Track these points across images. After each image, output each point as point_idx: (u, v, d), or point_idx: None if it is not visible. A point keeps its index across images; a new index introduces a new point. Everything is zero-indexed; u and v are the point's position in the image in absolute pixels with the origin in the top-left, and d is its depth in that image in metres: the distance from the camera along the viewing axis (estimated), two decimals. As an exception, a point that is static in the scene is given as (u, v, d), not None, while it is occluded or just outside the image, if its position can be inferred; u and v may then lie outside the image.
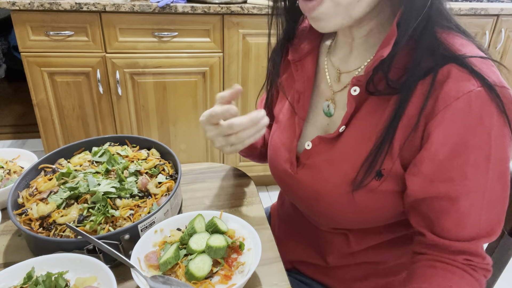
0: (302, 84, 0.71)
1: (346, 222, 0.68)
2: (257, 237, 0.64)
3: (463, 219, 0.56)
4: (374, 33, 0.63)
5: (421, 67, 0.55)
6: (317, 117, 0.71)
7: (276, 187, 2.38)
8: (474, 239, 0.57)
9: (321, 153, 0.67)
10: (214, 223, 0.65)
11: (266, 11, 1.77)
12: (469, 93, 0.52)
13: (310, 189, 0.68)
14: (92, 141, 0.85)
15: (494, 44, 2.13)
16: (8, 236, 0.72)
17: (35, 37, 1.69)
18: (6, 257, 0.68)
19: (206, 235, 0.63)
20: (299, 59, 0.72)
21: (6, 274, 0.58)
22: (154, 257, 0.62)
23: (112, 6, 1.65)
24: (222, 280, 0.58)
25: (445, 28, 0.57)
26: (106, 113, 1.90)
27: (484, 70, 0.53)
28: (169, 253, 0.60)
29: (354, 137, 0.62)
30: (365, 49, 0.65)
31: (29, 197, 0.70)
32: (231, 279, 0.59)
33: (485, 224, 0.57)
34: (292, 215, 0.85)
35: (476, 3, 2.06)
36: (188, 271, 0.57)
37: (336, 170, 0.64)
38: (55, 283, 0.56)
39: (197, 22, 1.78)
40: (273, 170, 0.78)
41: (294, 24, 0.74)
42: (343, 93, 0.68)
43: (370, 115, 0.61)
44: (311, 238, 0.81)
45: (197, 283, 0.57)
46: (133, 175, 0.75)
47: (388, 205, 0.63)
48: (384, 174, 0.60)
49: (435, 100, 0.54)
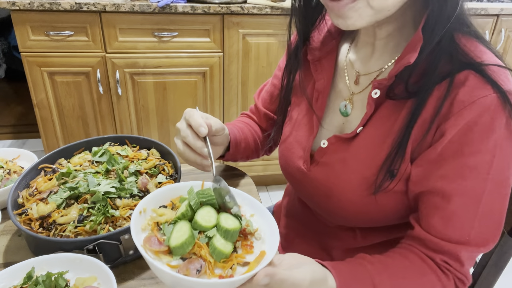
0: (323, 83, 0.71)
1: (356, 220, 0.69)
2: (255, 202, 0.59)
3: (452, 219, 0.56)
4: (394, 36, 0.63)
5: (439, 72, 0.55)
6: (333, 116, 0.72)
7: (276, 187, 2.39)
8: (460, 244, 0.56)
9: (336, 152, 0.68)
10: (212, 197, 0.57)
11: (266, 11, 1.78)
12: (483, 98, 0.52)
13: (323, 187, 0.69)
14: (92, 141, 0.85)
15: (494, 44, 2.13)
16: (8, 236, 0.72)
17: (35, 37, 1.69)
18: (6, 257, 0.68)
19: (210, 209, 0.55)
20: (318, 59, 0.72)
21: (6, 274, 0.58)
22: (155, 242, 0.52)
23: (112, 6, 1.65)
24: (246, 250, 0.53)
25: (465, 33, 0.58)
26: (106, 113, 1.90)
27: (501, 78, 0.54)
28: (183, 233, 0.51)
29: (370, 138, 0.63)
30: (386, 51, 0.65)
31: (29, 197, 0.70)
32: (253, 247, 0.53)
33: (477, 233, 0.56)
34: (299, 211, 0.86)
35: (476, 3, 2.06)
36: (216, 250, 0.50)
37: (349, 169, 0.65)
38: (55, 283, 0.56)
39: (197, 22, 1.78)
40: (284, 166, 0.78)
41: (311, 26, 0.73)
42: (361, 95, 0.68)
43: (386, 117, 0.62)
44: (317, 233, 0.82)
45: (228, 260, 0.50)
46: (133, 175, 0.75)
47: (399, 206, 0.64)
48: (398, 176, 0.60)
49: (451, 104, 0.55)
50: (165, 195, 0.59)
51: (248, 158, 0.91)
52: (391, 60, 0.65)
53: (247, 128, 0.89)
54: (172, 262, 0.50)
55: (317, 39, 0.73)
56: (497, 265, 0.73)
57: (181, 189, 0.60)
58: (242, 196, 0.60)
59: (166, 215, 0.55)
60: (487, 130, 0.53)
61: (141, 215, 0.55)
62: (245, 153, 0.87)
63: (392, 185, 0.61)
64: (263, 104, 0.91)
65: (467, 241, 0.56)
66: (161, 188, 0.60)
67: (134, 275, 0.65)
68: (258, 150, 0.91)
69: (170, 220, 0.54)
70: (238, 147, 0.83)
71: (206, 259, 0.49)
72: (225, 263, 0.49)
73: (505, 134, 0.54)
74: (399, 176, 0.60)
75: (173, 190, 0.60)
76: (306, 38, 0.74)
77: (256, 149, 0.90)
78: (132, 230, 0.51)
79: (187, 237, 0.50)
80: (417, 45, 0.55)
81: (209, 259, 0.49)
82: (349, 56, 0.72)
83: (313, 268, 0.52)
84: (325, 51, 0.72)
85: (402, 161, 0.59)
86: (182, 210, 0.54)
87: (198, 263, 0.49)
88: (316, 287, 0.51)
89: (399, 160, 0.59)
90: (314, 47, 0.73)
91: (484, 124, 0.53)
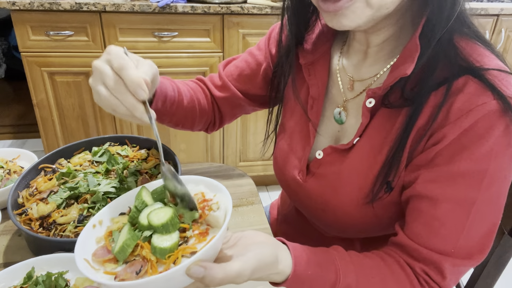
0: (317, 90, 0.68)
1: (353, 231, 0.67)
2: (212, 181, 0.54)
3: (437, 227, 0.53)
4: (390, 41, 0.60)
5: (436, 77, 0.53)
6: (328, 123, 0.69)
7: (276, 187, 2.38)
8: (444, 255, 0.53)
9: (332, 163, 0.65)
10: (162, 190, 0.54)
11: (266, 11, 1.78)
12: (482, 105, 0.49)
13: (319, 199, 0.67)
14: (92, 141, 0.85)
15: (494, 44, 2.13)
16: (8, 236, 0.72)
17: (35, 37, 1.69)
18: (6, 257, 0.68)
19: (157, 206, 0.51)
20: (311, 63, 0.68)
21: (6, 274, 0.58)
22: (104, 252, 0.49)
23: (112, 6, 1.65)
24: (199, 238, 0.48)
25: (464, 35, 0.55)
26: (106, 113, 1.90)
27: (502, 83, 0.51)
28: (122, 237, 0.48)
29: (365, 149, 0.61)
30: (380, 57, 0.62)
31: (29, 197, 0.70)
32: (208, 234, 0.49)
33: (463, 245, 0.52)
34: (295, 219, 0.84)
35: (476, 3, 2.06)
36: (156, 248, 0.46)
37: (345, 181, 0.63)
38: (55, 283, 0.56)
39: (197, 22, 1.78)
40: (280, 176, 0.75)
41: (304, 29, 0.69)
42: (355, 101, 0.65)
43: (381, 126, 0.59)
44: (313, 243, 0.80)
45: (172, 254, 0.46)
46: (133, 175, 0.75)
47: (396, 215, 0.61)
48: (393, 186, 0.58)
49: (447, 111, 0.52)
50: (126, 202, 0.56)
51: (177, 125, 0.79)
52: (385, 66, 0.61)
53: (187, 89, 0.78)
54: (117, 268, 0.47)
55: (310, 41, 0.69)
56: (497, 265, 0.73)
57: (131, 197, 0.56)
58: (198, 181, 0.55)
59: (120, 222, 0.53)
60: (483, 138, 0.50)
61: (97, 228, 0.53)
62: (174, 117, 0.76)
63: (387, 195, 0.59)
64: (227, 77, 0.81)
65: (452, 252, 0.52)
66: (121, 197, 0.56)
67: (134, 275, 0.65)
68: (194, 119, 0.80)
69: (121, 227, 0.51)
70: (167, 106, 0.72)
71: (148, 259, 0.46)
72: (168, 259, 0.46)
73: (502, 142, 0.50)
74: (394, 184, 0.58)
75: (132, 197, 0.56)
76: (299, 41, 0.69)
77: (191, 117, 0.79)
78: (77, 245, 0.48)
79: (124, 240, 0.48)
80: (413, 55, 0.52)
81: (151, 258, 0.46)
82: (342, 60, 0.68)
83: (262, 252, 0.48)
84: (318, 54, 0.68)
85: (397, 170, 0.57)
86: (130, 214, 0.52)
87: (138, 264, 0.47)
88: (263, 272, 0.48)
89: (394, 169, 0.57)
90: (307, 49, 0.69)
91: (480, 131, 0.50)
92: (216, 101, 0.83)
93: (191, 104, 0.77)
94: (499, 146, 0.50)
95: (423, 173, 0.54)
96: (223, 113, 0.85)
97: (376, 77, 0.63)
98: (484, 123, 0.50)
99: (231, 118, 0.88)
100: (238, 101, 0.82)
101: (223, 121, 0.87)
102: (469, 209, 0.52)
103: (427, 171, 0.54)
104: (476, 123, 0.50)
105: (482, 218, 0.53)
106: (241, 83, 0.81)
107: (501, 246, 0.71)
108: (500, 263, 0.73)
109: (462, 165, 0.51)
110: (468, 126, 0.50)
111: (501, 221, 0.71)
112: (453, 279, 0.55)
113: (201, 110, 0.80)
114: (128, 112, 0.54)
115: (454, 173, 0.52)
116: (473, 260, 0.54)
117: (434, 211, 0.53)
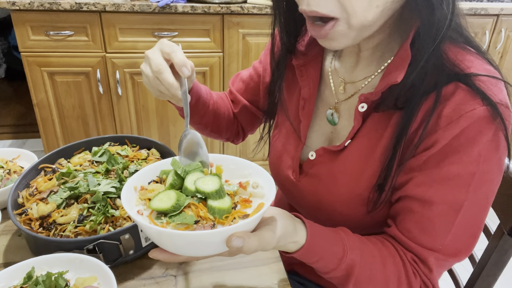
0: (308, 91, 0.69)
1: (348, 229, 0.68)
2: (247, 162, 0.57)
3: (428, 226, 0.56)
4: (382, 45, 0.61)
5: (426, 83, 0.54)
6: (320, 123, 0.70)
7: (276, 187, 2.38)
8: (432, 251, 0.56)
9: (324, 164, 0.67)
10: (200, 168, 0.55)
11: (266, 11, 1.78)
12: (472, 111, 0.51)
13: (312, 198, 0.69)
14: (92, 141, 0.85)
15: (494, 44, 2.13)
16: (8, 236, 0.72)
17: (35, 37, 1.69)
18: (6, 257, 0.68)
19: (200, 174, 0.54)
20: (303, 64, 0.70)
21: (6, 274, 0.58)
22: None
23: (112, 6, 1.65)
24: (245, 205, 0.52)
25: (453, 41, 0.55)
26: (106, 113, 1.90)
27: (490, 89, 0.52)
28: (171, 196, 0.50)
29: (357, 151, 0.62)
30: (372, 60, 0.63)
31: (29, 197, 0.70)
32: (251, 201, 0.53)
33: (451, 242, 0.56)
34: None
35: (476, 3, 2.06)
36: (214, 207, 0.49)
37: (338, 183, 0.64)
38: (55, 283, 0.56)
39: (197, 22, 1.78)
40: (275, 175, 0.77)
41: (294, 40, 0.70)
42: (347, 103, 0.67)
43: (373, 130, 0.61)
44: None
45: (228, 216, 0.49)
46: (133, 175, 0.75)
47: (388, 214, 0.63)
48: (386, 188, 0.60)
49: (438, 117, 0.53)
50: (150, 174, 0.57)
51: (206, 127, 0.84)
52: (377, 69, 0.63)
53: (218, 97, 0.84)
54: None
55: (303, 43, 0.71)
56: (497, 265, 0.73)
57: (164, 165, 0.58)
58: (233, 160, 0.59)
59: (156, 190, 0.53)
60: (472, 143, 0.52)
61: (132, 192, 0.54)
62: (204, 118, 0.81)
63: (383, 198, 0.61)
64: (237, 91, 0.88)
65: (439, 249, 0.56)
66: (145, 168, 0.58)
67: (134, 275, 0.65)
68: (222, 126, 0.86)
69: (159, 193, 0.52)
70: (199, 105, 0.77)
71: (207, 218, 0.49)
72: (226, 219, 0.49)
73: (490, 146, 0.52)
74: (386, 187, 0.60)
75: (155, 169, 0.58)
76: (289, 50, 0.71)
77: (219, 122, 0.85)
78: (124, 203, 0.49)
79: (177, 197, 0.49)
80: (404, 63, 0.54)
81: (211, 218, 0.49)
82: (334, 63, 0.70)
83: (285, 222, 0.52)
84: (310, 56, 0.69)
85: (390, 175, 0.59)
86: (170, 181, 0.53)
87: (206, 223, 0.49)
88: (285, 240, 0.52)
89: (388, 175, 0.59)
90: (300, 50, 0.70)
91: (470, 137, 0.51)
92: (235, 115, 0.89)
93: (221, 110, 0.84)
94: (487, 151, 0.52)
95: (415, 176, 0.56)
96: (243, 125, 0.92)
97: (367, 81, 0.64)
98: (473, 129, 0.51)
99: (252, 129, 0.94)
100: (251, 113, 0.88)
101: (246, 132, 0.94)
102: (458, 209, 0.54)
103: (419, 174, 0.56)
104: (466, 128, 0.51)
105: (470, 218, 0.55)
106: (249, 96, 0.87)
107: (500, 246, 0.71)
108: (500, 263, 0.73)
109: (452, 169, 0.53)
110: (458, 131, 0.52)
111: (501, 221, 0.71)
112: (438, 273, 0.59)
113: (229, 119, 0.88)
114: (166, 91, 0.62)
115: (444, 176, 0.54)
116: (458, 257, 0.57)
117: (425, 211, 0.56)
